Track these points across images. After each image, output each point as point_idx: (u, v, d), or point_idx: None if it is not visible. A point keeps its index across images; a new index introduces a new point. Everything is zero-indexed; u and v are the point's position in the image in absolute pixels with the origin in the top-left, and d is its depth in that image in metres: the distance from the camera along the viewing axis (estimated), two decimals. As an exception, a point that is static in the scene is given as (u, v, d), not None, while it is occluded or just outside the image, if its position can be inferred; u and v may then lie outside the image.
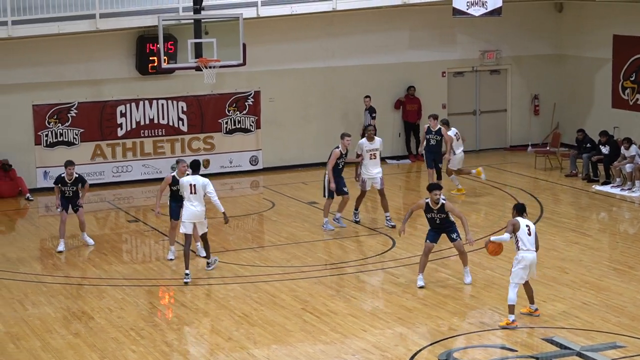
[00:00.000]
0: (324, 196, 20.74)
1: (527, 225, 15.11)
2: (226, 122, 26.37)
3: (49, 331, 15.10)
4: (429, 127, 23.07)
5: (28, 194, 24.08)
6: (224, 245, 19.69)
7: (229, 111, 26.39)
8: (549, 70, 29.59)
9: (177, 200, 18.41)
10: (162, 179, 25.02)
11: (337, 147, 20.41)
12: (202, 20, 23.05)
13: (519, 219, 15.19)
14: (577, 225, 20.91)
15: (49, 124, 24.68)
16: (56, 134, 24.79)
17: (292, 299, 16.33)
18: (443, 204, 16.77)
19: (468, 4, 25.73)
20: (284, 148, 26.50)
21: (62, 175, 19.56)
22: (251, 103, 26.57)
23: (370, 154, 20.76)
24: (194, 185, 17.30)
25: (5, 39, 23.23)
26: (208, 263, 18.05)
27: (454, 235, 16.95)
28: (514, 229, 15.06)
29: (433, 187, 16.93)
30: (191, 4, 23.32)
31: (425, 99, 28.21)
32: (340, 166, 20.46)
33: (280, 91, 26.82)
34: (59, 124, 24.79)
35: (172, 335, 14.94)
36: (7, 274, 17.99)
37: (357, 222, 21.07)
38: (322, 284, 17.09)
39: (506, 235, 15.15)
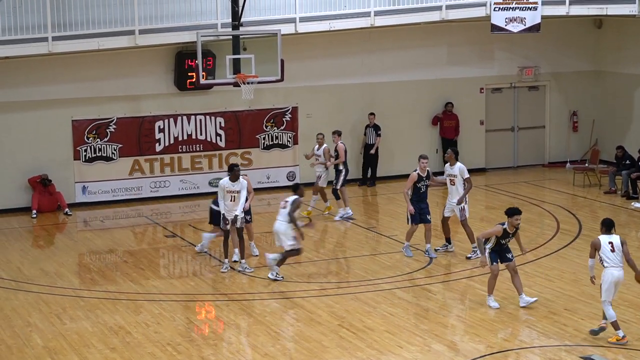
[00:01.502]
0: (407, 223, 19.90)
1: (609, 242, 15.03)
2: (264, 138, 26.43)
3: (87, 346, 15.17)
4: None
5: (67, 209, 24.23)
6: (261, 261, 19.69)
7: (266, 127, 26.45)
8: (587, 87, 29.44)
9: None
10: (199, 194, 25.44)
11: (415, 170, 19.72)
12: (241, 37, 23.15)
13: (601, 236, 15.13)
14: (616, 243, 20.71)
15: (88, 139, 24.83)
16: (95, 149, 24.93)
17: (329, 315, 16.30)
18: (517, 229, 16.55)
19: (507, 20, 25.75)
20: (321, 164, 26.56)
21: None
22: (289, 119, 26.62)
23: (450, 180, 20.04)
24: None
25: (45, 55, 23.42)
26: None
27: (510, 255, 16.73)
28: (596, 249, 15.04)
29: (514, 212, 16.37)
30: (230, 20, 23.41)
31: (463, 115, 28.14)
32: (422, 190, 19.74)
33: (318, 107, 26.85)
34: (98, 139, 24.94)
35: (208, 350, 14.96)
36: (45, 288, 18.10)
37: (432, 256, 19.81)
38: (359, 300, 17.06)
39: (590, 262, 15.16)
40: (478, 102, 28.63)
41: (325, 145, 23.32)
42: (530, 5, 25.67)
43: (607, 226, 15.30)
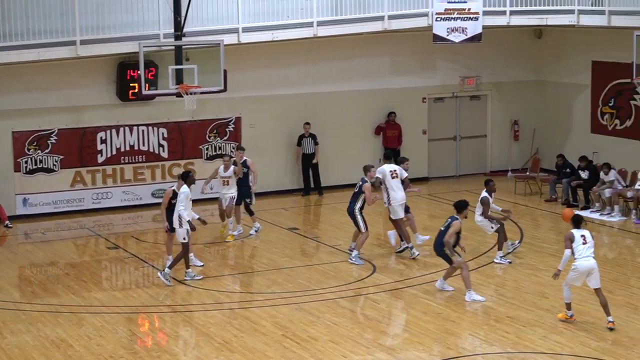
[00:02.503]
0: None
1: (582, 235, 16.03)
2: (207, 148, 26.37)
3: None
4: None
5: (7, 221, 23.97)
6: (204, 271, 19.63)
7: (209, 137, 26.39)
8: (528, 96, 29.73)
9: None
10: (142, 206, 25.32)
11: (366, 181, 20.09)
12: (183, 47, 23.06)
13: (574, 230, 16.08)
14: (557, 250, 20.90)
15: (29, 151, 24.60)
16: (36, 161, 24.71)
17: (273, 326, 16.28)
18: None
19: (448, 30, 25.94)
20: (264, 174, 26.38)
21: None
22: (232, 129, 26.58)
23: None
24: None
25: (-15, 66, 23.22)
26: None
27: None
28: (571, 241, 15.97)
29: (466, 204, 18.11)
30: (172, 30, 23.33)
31: (406, 124, 28.28)
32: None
33: (261, 117, 26.84)
34: (39, 151, 24.71)
35: (151, 362, 14.88)
36: (-15, 302, 17.90)
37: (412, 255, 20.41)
38: (303, 310, 17.06)
39: (566, 253, 15.98)
40: (420, 112, 28.79)
41: (245, 158, 22.43)
42: (471, 16, 25.88)
43: (577, 222, 16.21)
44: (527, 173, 27.64)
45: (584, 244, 15.94)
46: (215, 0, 24.80)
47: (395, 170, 20.65)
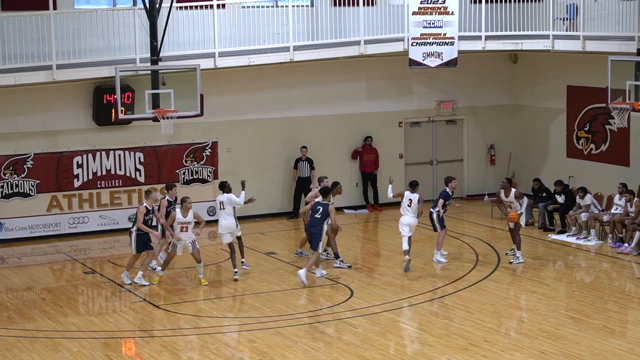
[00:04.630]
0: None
1: (409, 199, 21.25)
2: (184, 173, 26.34)
3: (4, 385, 14.93)
4: None
5: (-17, 246, 23.88)
6: (182, 296, 19.57)
7: (186, 162, 26.37)
8: (504, 121, 29.88)
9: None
10: (119, 230, 25.24)
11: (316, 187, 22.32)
12: (160, 71, 23.04)
13: (407, 192, 21.40)
14: (533, 275, 21.00)
15: (5, 175, 24.50)
16: (12, 185, 24.61)
17: (250, 350, 16.24)
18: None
19: (424, 55, 26.08)
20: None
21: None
22: (209, 153, 26.57)
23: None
24: (222, 202, 20.86)
25: (-40, 90, 23.13)
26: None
27: None
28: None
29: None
30: (149, 55, 23.33)
31: (382, 149, 28.37)
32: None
33: (238, 141, 26.85)
34: (15, 175, 24.62)
35: (128, 388, 14.80)
36: (-40, 327, 17.77)
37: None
38: (280, 335, 17.02)
39: (389, 192, 21.87)
40: (397, 136, 28.88)
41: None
42: (447, 40, 26.03)
43: (412, 186, 21.50)
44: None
45: (408, 206, 21.12)
46: (192, 24, 24.85)
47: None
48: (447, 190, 22.20)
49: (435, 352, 16.03)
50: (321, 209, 20.41)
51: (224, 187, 21.20)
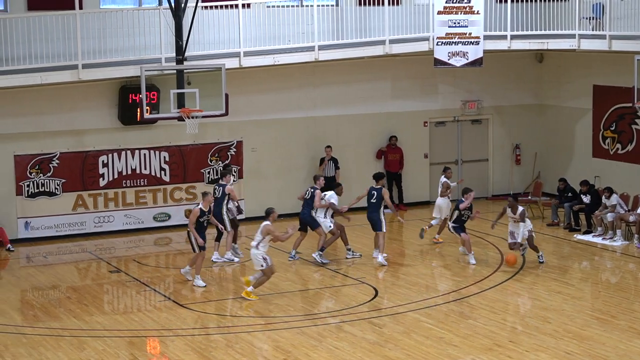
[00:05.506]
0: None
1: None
2: (208, 172, 26.39)
3: (29, 383, 15.00)
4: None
5: (9, 245, 23.96)
6: (206, 295, 19.62)
7: (211, 161, 26.41)
8: (530, 120, 29.77)
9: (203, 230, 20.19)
10: (143, 229, 25.33)
11: (316, 188, 22.26)
12: (185, 71, 23.12)
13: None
14: (559, 275, 20.92)
15: (31, 175, 24.62)
16: (38, 185, 24.72)
17: (275, 350, 16.24)
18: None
19: (449, 54, 26.00)
20: (266, 198, 26.42)
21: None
22: (233, 153, 26.61)
23: None
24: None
25: (-13, 90, 23.27)
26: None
27: None
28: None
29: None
30: (174, 54, 23.39)
31: (407, 148, 28.32)
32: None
33: (263, 141, 26.87)
34: (41, 175, 24.73)
35: (153, 386, 14.84)
36: (-13, 326, 17.88)
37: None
38: (305, 335, 17.01)
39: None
40: (422, 136, 28.83)
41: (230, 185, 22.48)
42: (472, 40, 25.96)
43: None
44: (529, 197, 27.62)
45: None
46: (217, 24, 24.89)
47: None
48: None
49: (460, 352, 15.99)
50: (375, 193, 21.80)
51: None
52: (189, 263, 20.65)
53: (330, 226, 22.15)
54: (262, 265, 19.02)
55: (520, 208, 21.43)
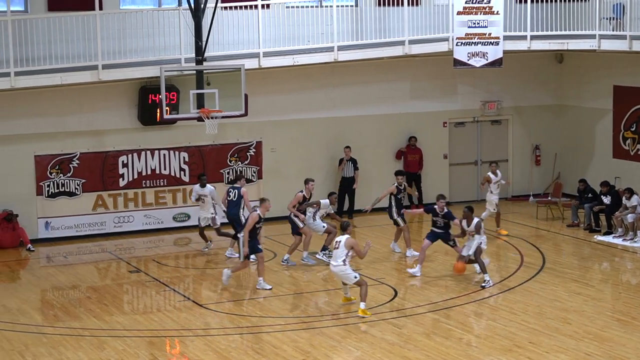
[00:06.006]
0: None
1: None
2: (228, 173, 26.42)
3: (49, 383, 15.04)
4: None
5: (29, 245, 24.04)
6: (226, 295, 19.63)
7: (230, 161, 26.44)
8: (549, 121, 29.69)
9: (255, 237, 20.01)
10: (163, 229, 25.39)
11: (301, 191, 22.25)
12: (204, 71, 23.15)
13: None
14: (579, 276, 20.86)
15: (51, 175, 24.71)
16: (58, 185, 24.81)
17: (294, 350, 16.24)
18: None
19: (469, 55, 25.94)
20: (285, 198, 26.31)
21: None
22: (253, 153, 26.63)
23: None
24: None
25: (7, 90, 23.32)
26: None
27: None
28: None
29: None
30: (193, 55, 23.43)
31: (427, 149, 28.29)
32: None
33: (282, 141, 26.89)
34: (61, 175, 24.82)
35: (173, 386, 14.86)
36: (7, 325, 17.91)
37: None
38: (324, 335, 17.01)
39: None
40: (441, 136, 28.78)
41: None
42: (492, 40, 25.89)
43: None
44: (549, 198, 27.54)
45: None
46: (237, 25, 24.91)
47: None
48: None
49: (479, 353, 15.95)
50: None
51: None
52: (233, 268, 20.43)
53: (324, 226, 22.04)
54: (355, 277, 18.08)
55: (476, 220, 20.12)
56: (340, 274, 18.10)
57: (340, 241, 17.95)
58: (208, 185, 23.35)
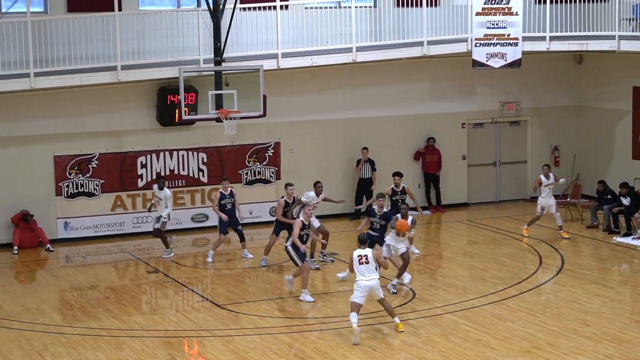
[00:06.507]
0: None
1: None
2: (246, 173, 26.45)
3: (68, 382, 15.08)
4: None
5: (48, 245, 24.13)
6: (244, 296, 19.66)
7: (249, 162, 26.47)
8: (569, 122, 29.61)
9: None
10: (182, 230, 25.44)
11: (282, 197, 22.31)
12: (223, 72, 23.16)
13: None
14: (598, 277, 20.79)
15: (70, 175, 24.79)
16: (77, 185, 24.89)
17: (312, 351, 16.24)
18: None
19: (488, 55, 25.90)
20: (303, 199, 26.48)
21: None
22: (271, 154, 26.66)
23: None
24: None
25: (27, 91, 23.42)
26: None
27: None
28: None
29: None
30: (212, 55, 23.46)
31: (445, 150, 28.25)
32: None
33: (300, 142, 26.90)
34: (80, 175, 24.90)
35: (191, 387, 14.88)
36: (26, 325, 17.98)
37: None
38: (342, 336, 17.00)
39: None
40: (460, 137, 28.74)
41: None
42: (511, 41, 25.84)
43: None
44: (568, 199, 27.45)
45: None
46: (255, 26, 24.94)
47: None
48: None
49: (497, 354, 15.92)
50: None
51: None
52: (293, 273, 20.07)
53: (319, 226, 21.93)
54: (381, 293, 17.25)
55: (410, 217, 19.77)
56: (376, 290, 16.95)
57: (366, 255, 16.98)
58: (165, 189, 23.19)
